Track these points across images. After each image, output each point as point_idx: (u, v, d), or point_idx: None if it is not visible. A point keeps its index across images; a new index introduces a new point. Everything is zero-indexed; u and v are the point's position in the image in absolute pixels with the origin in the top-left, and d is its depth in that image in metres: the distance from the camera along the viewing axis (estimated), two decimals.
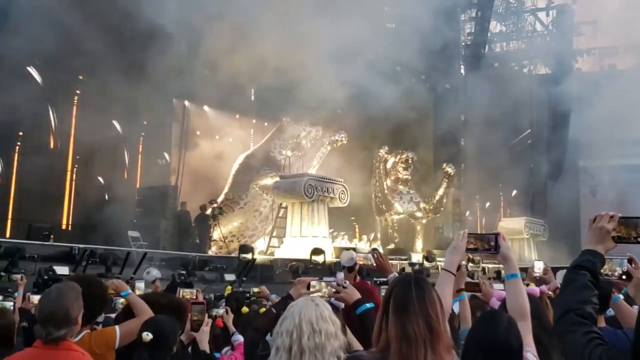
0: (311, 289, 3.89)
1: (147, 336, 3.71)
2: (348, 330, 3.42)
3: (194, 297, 5.82)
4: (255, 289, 9.16)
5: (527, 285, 5.82)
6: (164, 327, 3.85)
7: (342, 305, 3.85)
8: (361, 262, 4.87)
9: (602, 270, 2.64)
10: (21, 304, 7.03)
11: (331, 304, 3.35)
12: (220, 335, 5.53)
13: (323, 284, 3.91)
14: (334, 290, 3.81)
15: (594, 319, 2.44)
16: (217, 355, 4.84)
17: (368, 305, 3.75)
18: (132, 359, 3.79)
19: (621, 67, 37.14)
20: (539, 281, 5.71)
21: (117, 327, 4.29)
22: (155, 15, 19.89)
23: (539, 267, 6.10)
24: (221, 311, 5.69)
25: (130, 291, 4.79)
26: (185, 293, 6.01)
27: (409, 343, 2.57)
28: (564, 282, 2.61)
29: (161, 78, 22.70)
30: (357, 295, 3.78)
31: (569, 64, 34.95)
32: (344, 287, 3.81)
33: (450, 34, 30.60)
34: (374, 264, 4.89)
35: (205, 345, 4.62)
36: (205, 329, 4.67)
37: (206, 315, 4.80)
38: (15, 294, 7.57)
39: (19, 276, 8.35)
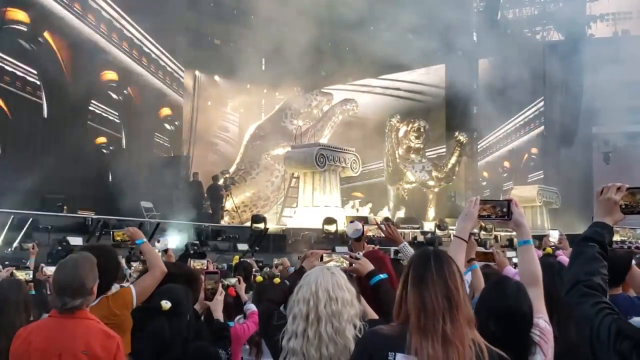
0: (324, 260, 3.89)
1: (167, 304, 3.73)
2: (362, 299, 3.43)
3: (204, 268, 5.85)
4: (277, 260, 9.21)
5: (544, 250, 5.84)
6: (179, 295, 3.88)
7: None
8: (370, 233, 4.86)
9: (625, 239, 2.62)
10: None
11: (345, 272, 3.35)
12: (232, 304, 5.56)
13: (338, 255, 3.91)
14: (347, 262, 3.81)
15: (603, 289, 2.42)
16: (231, 324, 4.87)
17: (382, 275, 3.75)
18: (148, 326, 3.82)
19: (635, 33, 36.71)
20: (555, 250, 5.70)
21: (131, 286, 4.35)
22: None
23: (554, 237, 6.09)
24: (233, 280, 5.72)
25: (144, 240, 4.86)
26: (195, 264, 6.03)
27: (427, 315, 2.56)
28: (572, 254, 2.59)
29: (172, 48, 22.76)
30: (371, 266, 3.77)
31: (582, 30, 34.56)
32: (357, 259, 3.81)
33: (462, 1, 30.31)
34: (384, 235, 4.88)
35: (219, 314, 4.65)
36: (219, 298, 4.69)
37: (220, 285, 4.82)
38: (27, 263, 7.63)
39: (30, 245, 8.41)
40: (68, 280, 3.42)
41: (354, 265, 3.78)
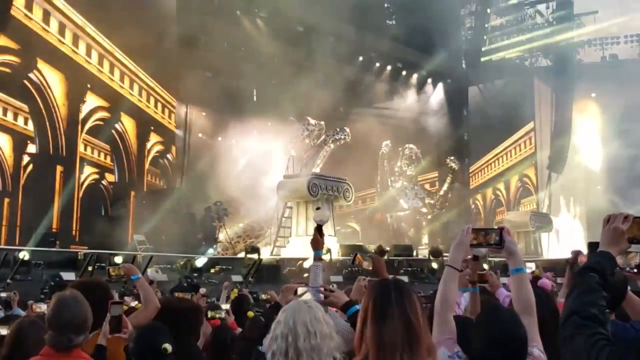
0: (298, 293, 3.88)
1: (169, 347, 3.69)
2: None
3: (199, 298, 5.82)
4: (264, 296, 9.18)
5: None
6: (167, 334, 3.82)
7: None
8: (365, 265, 4.82)
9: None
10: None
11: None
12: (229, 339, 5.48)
13: (312, 289, 3.89)
14: (321, 295, 3.78)
15: (600, 321, 2.38)
16: None
17: (357, 306, 3.75)
18: None
19: (623, 57, 37.06)
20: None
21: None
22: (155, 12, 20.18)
23: (529, 267, 6.14)
24: (223, 314, 5.68)
25: (140, 276, 4.88)
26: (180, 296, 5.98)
27: (386, 352, 2.58)
28: (571, 285, 2.57)
29: (164, 80, 22.89)
30: (345, 298, 3.79)
31: (570, 55, 34.86)
32: (332, 291, 3.80)
33: (450, 29, 30.62)
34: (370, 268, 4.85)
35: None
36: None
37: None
38: (13, 311, 7.59)
39: (11, 293, 8.35)
40: (72, 316, 3.40)
41: (329, 297, 3.75)
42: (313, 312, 2.99)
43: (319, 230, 4.41)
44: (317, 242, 4.31)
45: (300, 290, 3.91)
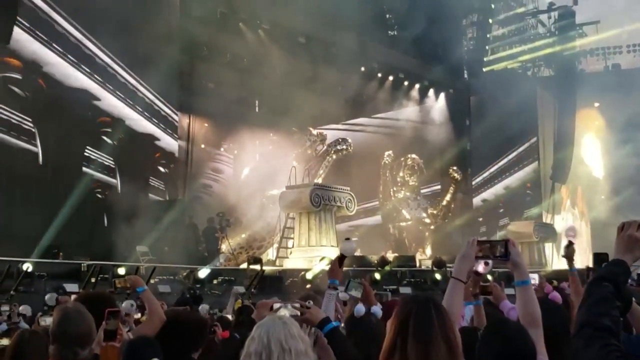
0: (274, 309, 3.84)
1: None
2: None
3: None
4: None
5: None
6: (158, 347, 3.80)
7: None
8: (353, 293, 4.78)
9: None
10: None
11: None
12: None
13: (288, 305, 3.85)
14: (297, 312, 3.73)
15: (613, 331, 2.33)
16: None
17: (334, 324, 3.75)
18: None
19: (625, 67, 37.09)
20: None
21: (129, 334, 4.31)
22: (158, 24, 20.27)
23: (533, 277, 6.18)
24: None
25: (146, 288, 4.86)
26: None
27: None
28: (584, 295, 2.53)
29: (166, 92, 22.93)
30: (322, 314, 3.74)
31: (572, 65, 34.91)
32: (308, 308, 3.76)
33: (452, 39, 30.70)
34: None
35: None
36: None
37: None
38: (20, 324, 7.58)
39: (12, 305, 8.30)
40: (79, 330, 3.40)
41: (305, 314, 3.71)
42: (288, 329, 2.94)
43: (340, 260, 4.37)
44: (335, 271, 4.28)
45: (276, 306, 3.85)
